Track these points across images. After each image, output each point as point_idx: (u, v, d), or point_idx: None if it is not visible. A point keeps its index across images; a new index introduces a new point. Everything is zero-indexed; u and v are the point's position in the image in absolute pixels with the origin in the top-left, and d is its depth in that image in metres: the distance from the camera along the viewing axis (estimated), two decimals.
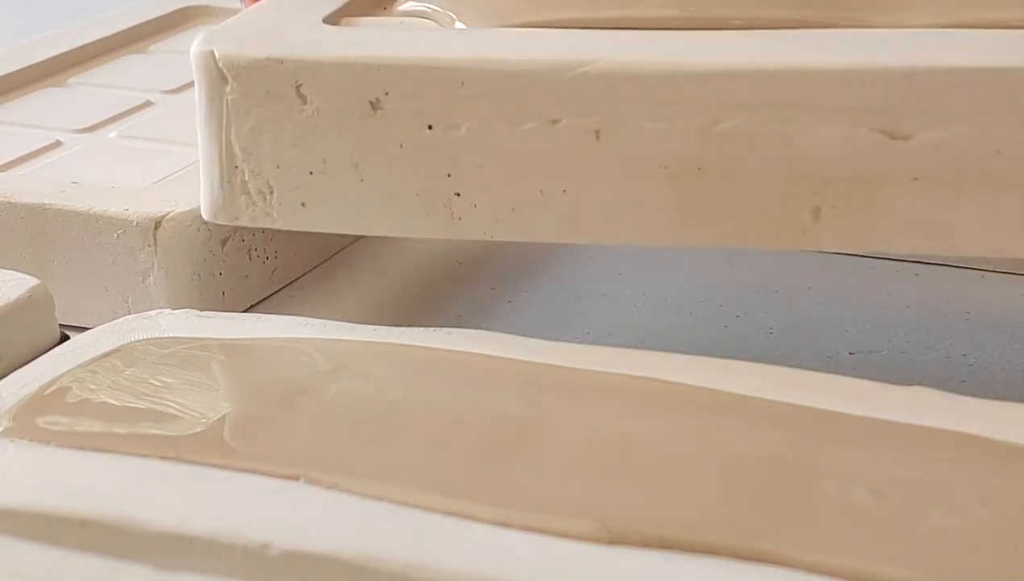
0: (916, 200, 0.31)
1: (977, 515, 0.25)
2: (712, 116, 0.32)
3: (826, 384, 0.30)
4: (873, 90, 0.31)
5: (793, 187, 0.32)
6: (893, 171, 0.31)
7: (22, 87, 0.50)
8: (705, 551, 0.25)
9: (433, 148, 0.34)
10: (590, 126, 0.33)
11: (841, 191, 0.31)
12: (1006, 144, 0.30)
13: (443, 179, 0.34)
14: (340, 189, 0.35)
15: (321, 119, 0.35)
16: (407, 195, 0.34)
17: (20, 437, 0.29)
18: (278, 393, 0.30)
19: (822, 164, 0.31)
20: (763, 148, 0.32)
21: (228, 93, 0.35)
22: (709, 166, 0.32)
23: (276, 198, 0.35)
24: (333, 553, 0.25)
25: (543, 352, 0.31)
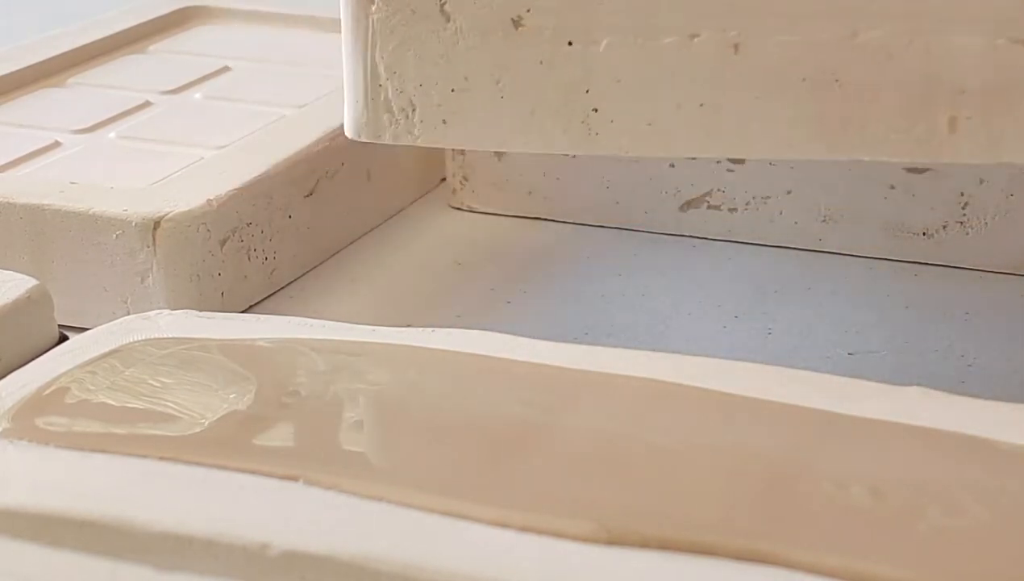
0: None
1: (977, 515, 0.25)
2: (851, 27, 0.32)
3: (826, 384, 0.30)
4: (1010, 1, 0.31)
5: (930, 98, 0.32)
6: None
7: (21, 87, 0.50)
8: (705, 551, 0.25)
9: (572, 64, 0.34)
10: (729, 40, 0.33)
11: (978, 101, 0.31)
12: None
13: (581, 95, 0.35)
14: (481, 106, 0.35)
15: (464, 37, 0.35)
16: (546, 111, 0.35)
17: (19, 437, 0.29)
18: (277, 393, 0.30)
19: (959, 75, 0.31)
20: (901, 58, 0.32)
21: (374, 12, 0.36)
22: (847, 78, 0.32)
23: (418, 116, 0.36)
24: (332, 553, 0.25)
25: (543, 352, 0.31)
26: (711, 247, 0.45)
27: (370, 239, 0.46)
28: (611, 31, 0.34)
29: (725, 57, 0.33)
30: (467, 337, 0.32)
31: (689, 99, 0.34)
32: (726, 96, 0.33)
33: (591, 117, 0.35)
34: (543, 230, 0.46)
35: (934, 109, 0.32)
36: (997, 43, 0.31)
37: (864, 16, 0.32)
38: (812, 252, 0.44)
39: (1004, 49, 0.31)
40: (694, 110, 0.34)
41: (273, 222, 0.42)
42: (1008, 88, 0.31)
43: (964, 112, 0.32)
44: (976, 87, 0.31)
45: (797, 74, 0.33)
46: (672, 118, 0.34)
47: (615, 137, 0.35)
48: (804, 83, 0.33)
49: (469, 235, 0.46)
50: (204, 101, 0.49)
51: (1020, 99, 0.31)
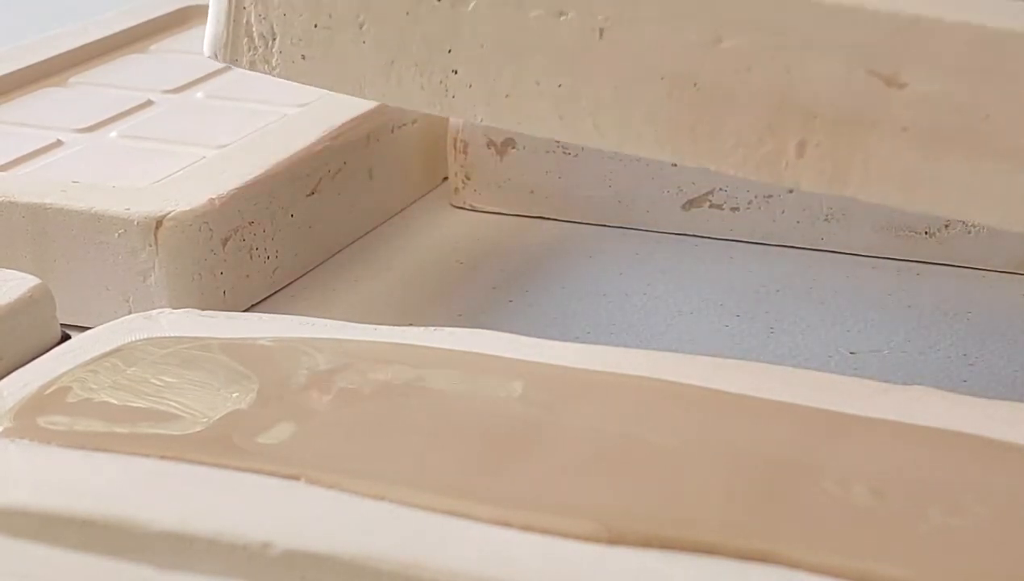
0: (901, 151, 0.30)
1: (978, 515, 0.25)
2: (715, 32, 0.32)
3: (826, 384, 0.30)
4: (876, 32, 0.30)
5: (783, 117, 0.31)
6: (883, 118, 0.31)
7: (23, 87, 0.50)
8: (705, 551, 0.25)
9: (439, 20, 0.34)
10: (595, 23, 0.33)
11: (829, 129, 0.31)
12: (996, 110, 0.30)
13: (443, 54, 0.34)
14: (341, 47, 0.35)
15: None
16: (406, 63, 0.35)
17: (21, 437, 0.29)
18: (279, 392, 0.30)
19: (815, 99, 0.31)
20: (759, 73, 0.31)
21: None
22: (705, 84, 0.32)
23: (278, 46, 0.36)
24: (333, 553, 0.25)
25: (545, 351, 0.31)
26: (713, 246, 0.45)
27: (372, 238, 0.46)
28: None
29: (589, 40, 0.33)
30: (469, 336, 0.32)
31: (548, 77, 0.33)
32: (585, 80, 0.33)
33: (450, 78, 0.34)
34: (545, 229, 0.46)
35: (786, 130, 0.31)
36: (855, 73, 0.31)
37: (731, 23, 0.31)
38: (814, 251, 0.44)
39: (861, 80, 0.31)
40: (552, 89, 0.33)
41: (275, 221, 0.42)
42: (860, 121, 0.31)
43: (814, 138, 0.31)
44: (829, 115, 0.31)
45: (657, 70, 0.32)
46: (530, 94, 0.34)
47: (471, 103, 0.34)
48: (663, 81, 0.32)
49: (471, 234, 0.46)
50: (206, 100, 0.49)
51: (870, 134, 0.31)
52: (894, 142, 0.30)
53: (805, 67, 0.31)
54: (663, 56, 0.32)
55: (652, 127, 0.33)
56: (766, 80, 0.31)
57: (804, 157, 0.31)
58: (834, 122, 0.31)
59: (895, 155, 0.30)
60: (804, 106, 0.31)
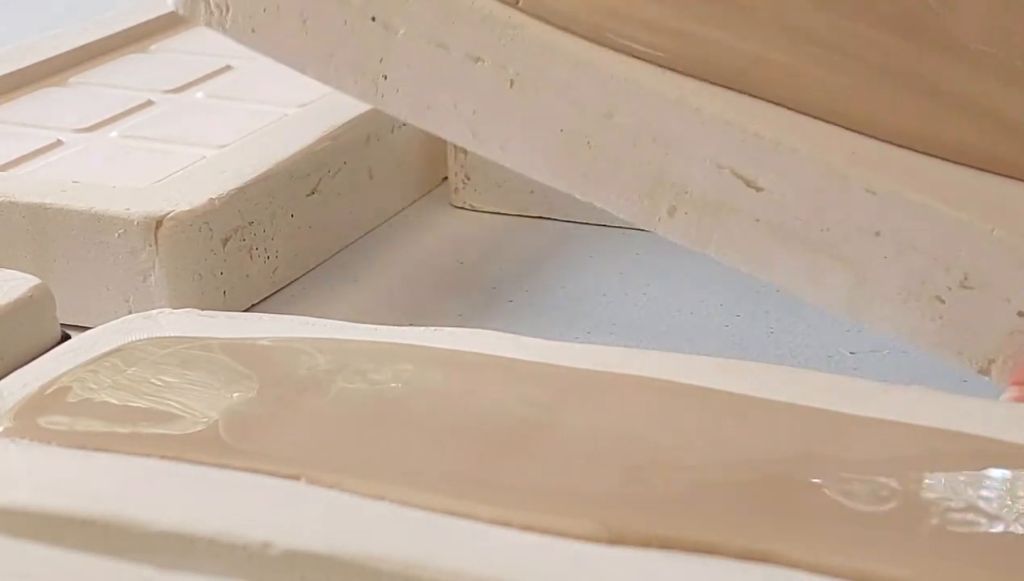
0: (753, 235, 0.35)
1: (977, 515, 0.25)
2: (609, 108, 0.36)
3: (826, 384, 0.30)
4: (744, 146, 0.35)
5: (659, 187, 0.36)
6: (742, 207, 0.35)
7: (23, 87, 0.50)
8: (705, 551, 0.25)
9: (372, 36, 0.37)
10: (507, 74, 0.36)
11: (696, 204, 0.36)
12: (835, 225, 0.34)
13: (375, 61, 0.38)
14: (286, 32, 0.38)
15: None
16: (343, 59, 0.38)
17: (21, 437, 0.29)
18: (279, 393, 0.30)
19: (687, 179, 0.35)
20: (643, 149, 0.36)
21: None
22: (597, 144, 0.36)
23: (231, 17, 0.39)
24: (334, 552, 0.25)
25: (543, 352, 0.31)
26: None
27: (372, 238, 0.46)
28: (410, 24, 0.37)
29: (501, 87, 0.37)
30: (469, 336, 0.32)
31: (464, 103, 0.37)
32: (495, 116, 0.37)
33: (380, 81, 0.38)
34: (545, 229, 0.46)
35: (660, 194, 0.36)
36: (722, 172, 0.35)
37: (623, 104, 0.35)
38: None
39: (727, 177, 0.35)
40: (467, 114, 0.37)
41: (275, 221, 0.42)
42: (721, 205, 0.35)
43: (683, 207, 0.36)
44: (697, 193, 0.35)
45: (557, 124, 0.36)
46: (448, 112, 0.37)
47: (398, 105, 0.38)
48: (561, 133, 0.36)
49: (471, 234, 0.46)
50: (206, 100, 0.49)
51: (729, 217, 0.35)
52: (748, 227, 0.35)
53: (681, 156, 0.35)
54: (562, 115, 0.36)
55: (550, 161, 0.37)
56: (647, 156, 0.36)
57: (675, 218, 0.36)
58: (701, 200, 0.36)
59: (747, 237, 0.35)
60: (677, 182, 0.36)
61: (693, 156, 0.35)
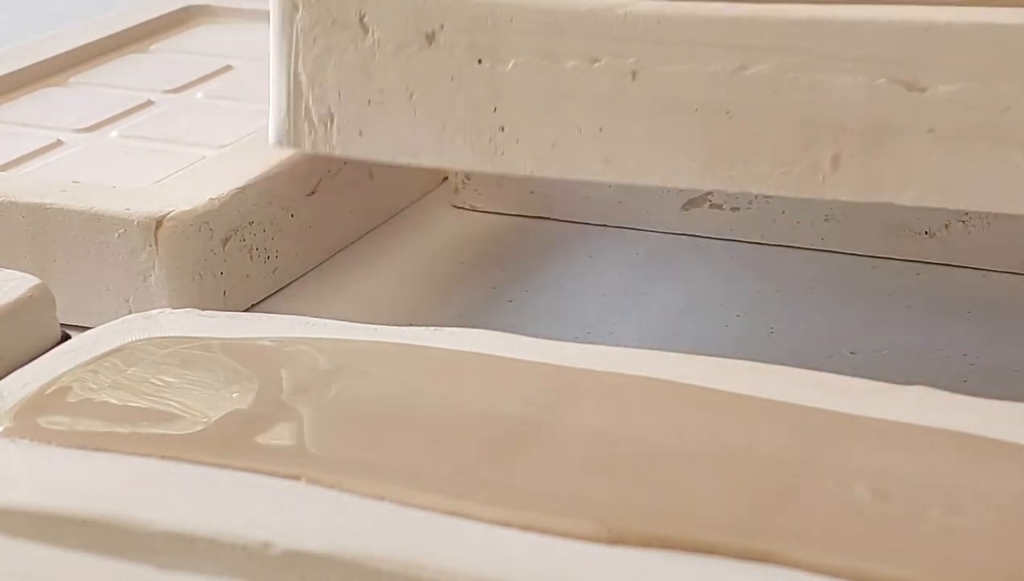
0: (930, 152, 0.32)
1: (979, 514, 0.25)
2: (739, 60, 0.33)
3: (826, 384, 0.30)
4: (892, 41, 0.32)
5: (814, 134, 0.33)
6: (909, 122, 0.32)
7: (23, 87, 0.50)
8: (706, 551, 0.25)
9: (481, 82, 0.36)
10: (627, 67, 0.34)
11: (859, 140, 0.32)
12: (1015, 101, 0.31)
13: (489, 113, 0.36)
14: (394, 119, 0.37)
15: (380, 49, 0.37)
16: (456, 127, 0.36)
17: (21, 437, 0.29)
18: (279, 393, 0.30)
19: (842, 112, 0.32)
20: (787, 94, 0.33)
21: (298, 21, 0.37)
22: (737, 110, 0.34)
23: (336, 126, 0.37)
24: (334, 553, 0.25)
25: (543, 352, 0.31)
26: (713, 246, 0.45)
27: (372, 238, 0.46)
28: (518, 51, 0.35)
29: (623, 83, 0.34)
30: (469, 336, 0.32)
31: (589, 123, 0.35)
32: (623, 122, 0.35)
33: (497, 136, 0.36)
34: (545, 229, 0.46)
35: (818, 146, 0.33)
36: (876, 82, 0.32)
37: (753, 49, 0.33)
38: (814, 251, 0.44)
39: (884, 89, 0.32)
40: (594, 134, 0.35)
41: (275, 221, 0.42)
42: (888, 128, 0.32)
43: (847, 150, 0.33)
44: (857, 126, 0.32)
45: (690, 104, 0.34)
46: (573, 141, 0.35)
47: (520, 157, 0.36)
48: (696, 113, 0.34)
49: (471, 234, 0.46)
50: (206, 100, 0.49)
51: (898, 139, 0.32)
52: (922, 144, 0.32)
53: (828, 83, 0.32)
54: (693, 89, 0.34)
55: (691, 159, 0.34)
56: (793, 100, 0.33)
57: (839, 169, 0.33)
58: (863, 132, 0.32)
59: (925, 157, 0.32)
60: (833, 120, 0.32)
61: (842, 79, 0.32)
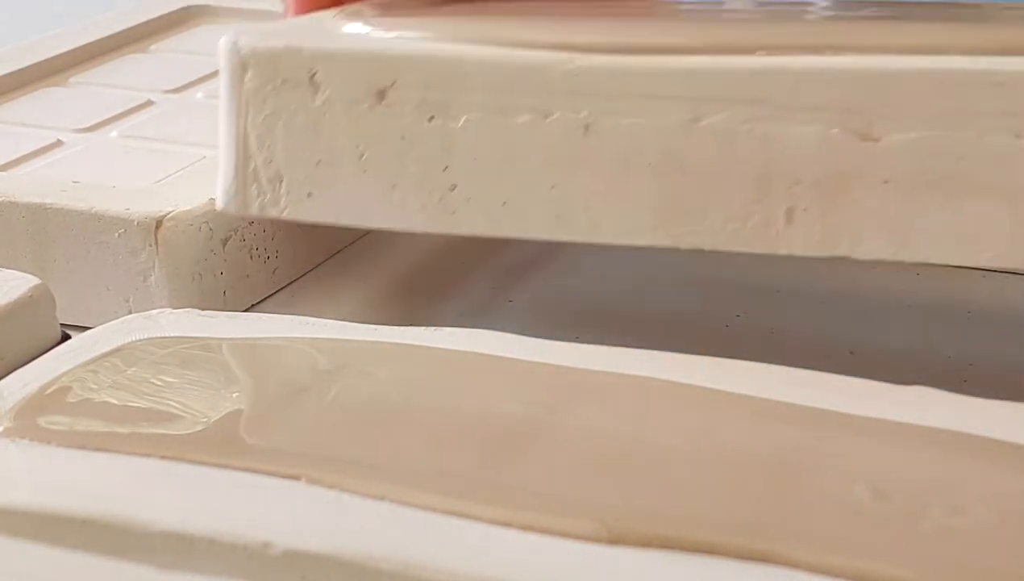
0: (886, 203, 0.32)
1: (979, 515, 0.25)
2: (693, 112, 0.33)
3: (826, 384, 0.30)
4: (845, 91, 0.32)
5: (768, 187, 0.33)
6: (864, 172, 0.32)
7: (23, 86, 0.50)
8: (706, 551, 0.25)
9: (432, 140, 0.35)
10: (580, 121, 0.34)
11: (814, 192, 0.32)
12: (968, 149, 0.31)
13: (440, 172, 0.36)
14: (344, 179, 0.36)
15: (330, 108, 0.36)
16: (407, 187, 0.36)
17: (21, 437, 0.29)
18: (279, 393, 0.30)
19: (796, 164, 0.32)
20: (741, 146, 0.33)
21: (248, 81, 0.37)
22: (690, 164, 0.33)
23: (285, 187, 0.37)
24: (334, 553, 0.25)
25: (543, 352, 0.31)
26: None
27: (372, 238, 0.46)
28: (470, 108, 0.35)
29: (575, 137, 0.34)
30: (469, 336, 0.32)
31: (541, 180, 0.35)
32: (576, 178, 0.34)
33: (448, 195, 0.36)
34: None
35: (772, 200, 0.33)
36: (831, 132, 0.32)
37: (706, 101, 0.33)
38: None
39: (838, 139, 0.32)
40: (545, 192, 0.35)
41: (275, 221, 0.42)
42: (842, 179, 0.32)
43: (801, 203, 0.32)
44: (811, 177, 0.32)
45: (643, 158, 0.34)
46: (525, 198, 0.35)
47: (471, 216, 0.36)
48: (649, 168, 0.34)
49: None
50: (206, 100, 0.49)
51: (854, 190, 0.32)
52: (877, 195, 0.32)
53: (782, 134, 0.32)
54: (647, 143, 0.33)
55: (645, 215, 0.34)
56: (747, 152, 0.33)
57: (793, 223, 0.32)
58: (817, 184, 0.32)
59: (880, 208, 0.32)
60: (787, 172, 0.32)
61: (796, 130, 0.32)
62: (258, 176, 0.37)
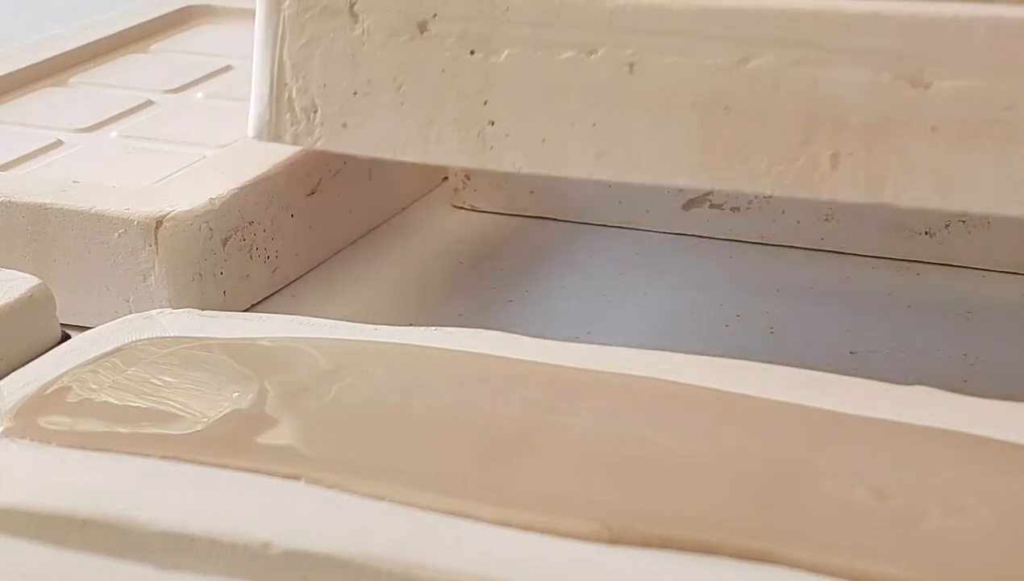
0: (933, 150, 0.31)
1: (980, 515, 0.25)
2: (741, 53, 0.32)
3: (826, 384, 0.30)
4: (896, 36, 0.31)
5: (815, 130, 0.32)
6: (912, 119, 0.31)
7: (23, 86, 0.50)
8: (707, 550, 0.25)
9: (473, 74, 0.35)
10: (624, 58, 0.33)
11: (861, 137, 0.32)
12: (1018, 99, 0.30)
13: (480, 106, 0.35)
14: (381, 110, 0.36)
15: (370, 39, 0.36)
16: (444, 121, 0.35)
17: (21, 437, 0.29)
18: (279, 392, 0.30)
19: (844, 108, 0.32)
20: (788, 88, 0.32)
21: (286, 8, 0.36)
22: (736, 105, 0.33)
23: (319, 117, 0.37)
24: (334, 553, 0.25)
25: (543, 352, 0.31)
26: (713, 246, 0.45)
27: (372, 238, 0.46)
28: (512, 42, 0.34)
29: (620, 76, 0.33)
30: (469, 336, 0.32)
31: (582, 117, 0.34)
32: (618, 116, 0.34)
33: (487, 130, 0.35)
34: (545, 229, 0.46)
35: (818, 143, 0.32)
36: (879, 77, 0.31)
37: (754, 42, 0.32)
38: (814, 251, 0.44)
39: (887, 84, 0.31)
40: (587, 129, 0.34)
41: (275, 221, 0.42)
42: (890, 125, 0.31)
43: (847, 148, 0.32)
44: (858, 122, 0.32)
45: (688, 98, 0.33)
46: (565, 136, 0.34)
47: (509, 152, 0.35)
48: (694, 108, 0.33)
49: (471, 234, 0.46)
50: (206, 100, 0.49)
51: (901, 136, 0.31)
52: (925, 142, 0.31)
53: (830, 78, 0.32)
54: (692, 83, 0.33)
55: (687, 156, 0.33)
56: (794, 95, 0.32)
57: (838, 168, 0.32)
58: (864, 129, 0.31)
59: (927, 155, 0.31)
60: (834, 116, 0.32)
61: (845, 73, 0.31)
62: (292, 104, 0.37)
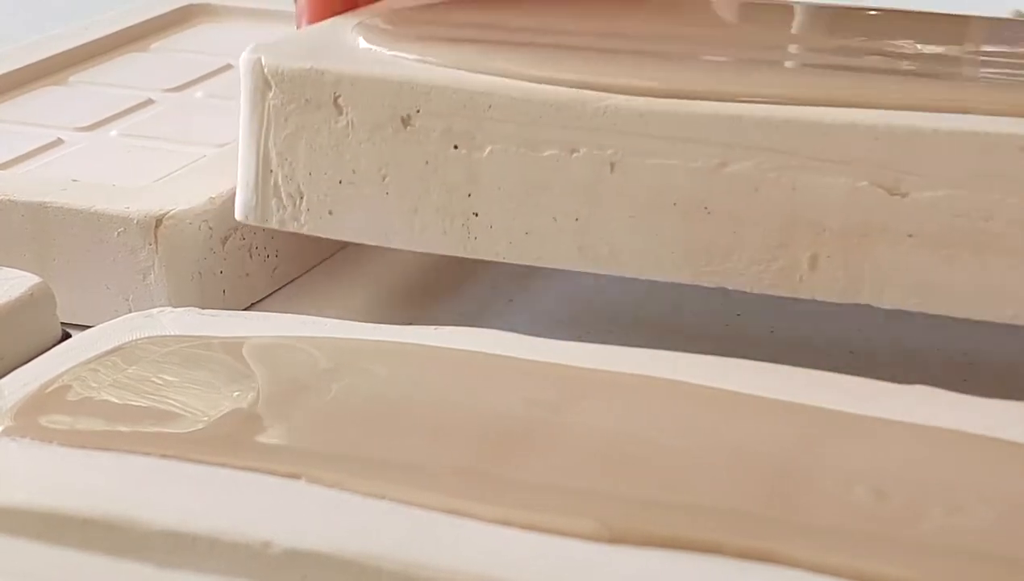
0: (909, 256, 0.32)
1: (980, 514, 0.25)
2: (720, 157, 0.33)
3: (826, 383, 0.30)
4: (874, 146, 0.32)
5: (793, 233, 0.33)
6: (889, 226, 0.32)
7: (23, 85, 0.50)
8: (708, 550, 0.25)
9: (457, 167, 0.36)
10: (606, 158, 0.34)
11: (839, 241, 0.33)
12: (997, 210, 0.31)
13: (463, 198, 0.36)
14: (366, 200, 0.37)
15: (354, 131, 0.37)
16: (428, 211, 0.36)
17: (21, 436, 0.29)
18: (279, 391, 0.30)
19: (822, 213, 0.33)
20: (767, 192, 0.33)
21: (271, 99, 0.37)
22: (716, 207, 0.34)
23: (305, 204, 0.37)
24: (334, 552, 0.25)
25: (543, 352, 0.31)
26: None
27: None
28: (495, 139, 0.35)
29: (601, 174, 0.34)
30: (470, 335, 0.32)
31: (565, 212, 0.35)
32: (600, 213, 0.35)
33: (471, 221, 0.36)
34: None
35: (797, 246, 0.33)
36: (859, 185, 0.32)
37: (734, 147, 0.33)
38: None
39: (865, 191, 0.32)
40: (569, 223, 0.35)
41: None
42: (868, 230, 0.32)
43: (825, 250, 0.33)
44: (837, 226, 0.33)
45: (669, 198, 0.34)
46: (548, 229, 0.35)
47: (493, 242, 0.36)
48: (675, 207, 0.34)
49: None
50: (206, 99, 0.49)
51: (878, 242, 0.32)
52: (902, 248, 0.32)
53: (809, 183, 0.33)
54: (673, 184, 0.34)
55: (669, 253, 0.34)
56: (773, 199, 0.33)
57: (817, 269, 0.33)
58: (843, 233, 0.32)
59: (904, 260, 0.32)
60: (813, 220, 0.33)
61: (823, 180, 0.33)
62: (278, 191, 0.37)
